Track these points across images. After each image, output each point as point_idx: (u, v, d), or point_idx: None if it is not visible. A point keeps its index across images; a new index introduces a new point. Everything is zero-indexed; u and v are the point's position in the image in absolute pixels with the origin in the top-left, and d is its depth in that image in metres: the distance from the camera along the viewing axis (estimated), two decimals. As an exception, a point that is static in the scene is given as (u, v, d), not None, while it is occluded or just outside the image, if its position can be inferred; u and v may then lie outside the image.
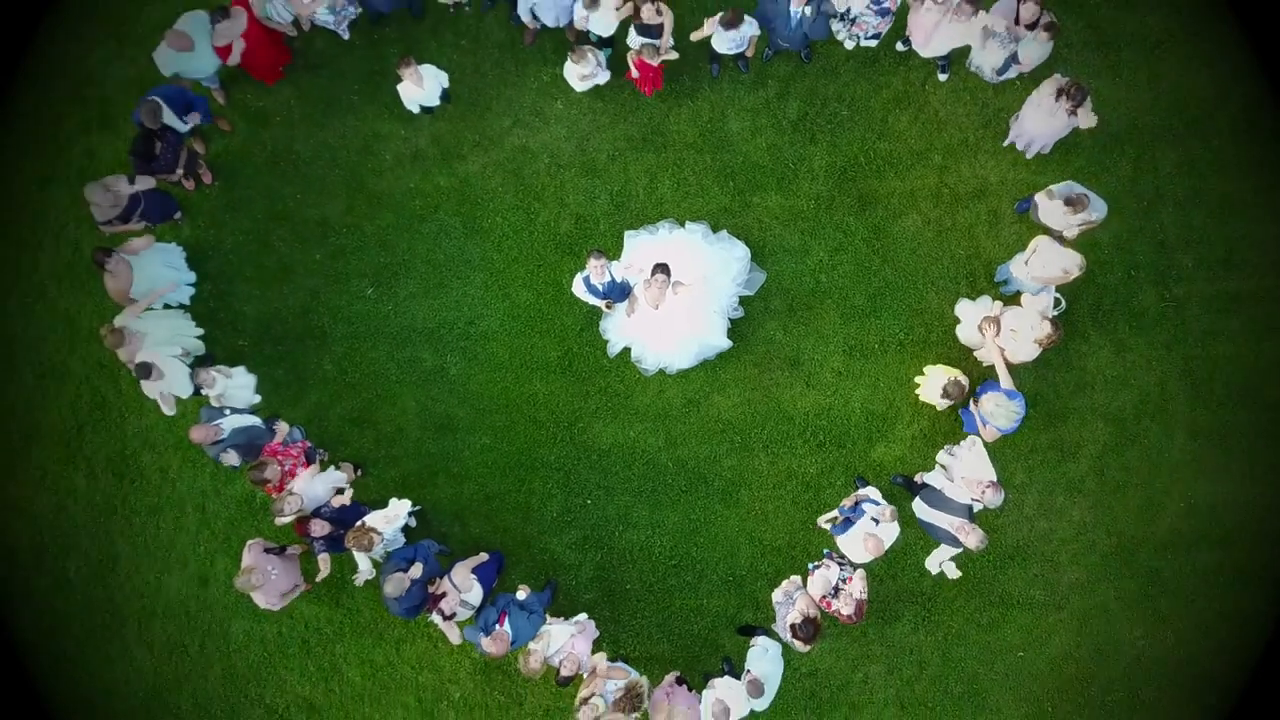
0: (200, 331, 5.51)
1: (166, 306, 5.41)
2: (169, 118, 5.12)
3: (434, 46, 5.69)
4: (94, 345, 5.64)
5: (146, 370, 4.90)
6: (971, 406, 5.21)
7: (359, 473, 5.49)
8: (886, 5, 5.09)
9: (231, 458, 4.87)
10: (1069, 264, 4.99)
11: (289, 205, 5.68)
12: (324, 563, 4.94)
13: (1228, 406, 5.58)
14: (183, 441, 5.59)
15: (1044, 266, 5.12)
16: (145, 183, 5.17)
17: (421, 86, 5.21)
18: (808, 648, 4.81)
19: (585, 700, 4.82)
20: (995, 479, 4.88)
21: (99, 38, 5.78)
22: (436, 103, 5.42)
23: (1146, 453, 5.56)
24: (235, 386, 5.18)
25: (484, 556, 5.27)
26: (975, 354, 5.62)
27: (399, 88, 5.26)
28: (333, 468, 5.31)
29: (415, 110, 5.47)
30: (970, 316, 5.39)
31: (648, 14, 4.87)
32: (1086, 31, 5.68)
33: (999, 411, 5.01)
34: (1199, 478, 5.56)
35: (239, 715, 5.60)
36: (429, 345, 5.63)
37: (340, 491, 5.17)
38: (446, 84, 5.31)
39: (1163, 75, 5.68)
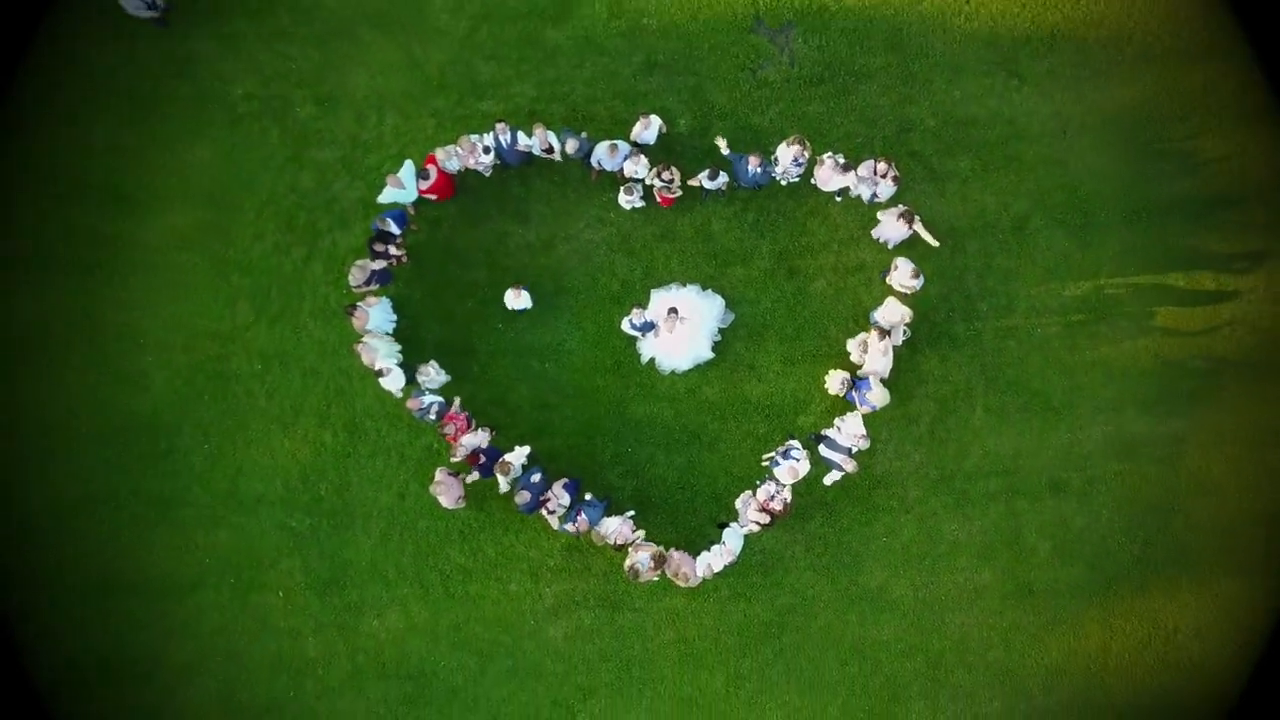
0: (400, 347, 9.31)
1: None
2: (392, 229, 9.01)
3: (536, 181, 9.52)
4: (337, 357, 9.45)
5: (383, 372, 8.79)
6: (853, 393, 9.03)
7: (494, 432, 9.26)
8: (801, 163, 8.90)
9: (431, 416, 8.73)
10: (904, 312, 8.85)
11: (452, 274, 9.51)
12: (474, 476, 8.78)
13: (1008, 393, 9.37)
14: (389, 413, 9.39)
15: (891, 313, 8.95)
16: (379, 264, 9.03)
17: (520, 299, 9.09)
18: (761, 529, 8.63)
19: (634, 571, 8.56)
20: (865, 433, 8.71)
21: (337, 170, 9.64)
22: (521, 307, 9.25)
23: (959, 420, 9.34)
24: (432, 377, 9.04)
25: (566, 480, 9.09)
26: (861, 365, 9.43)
27: (507, 296, 9.06)
28: (481, 428, 9.13)
29: (511, 307, 9.24)
30: (854, 342, 9.22)
31: (665, 175, 8.75)
32: (923, 171, 9.45)
33: (883, 396, 8.78)
34: (990, 435, 9.34)
35: (423, 578, 9.36)
36: (535, 357, 9.46)
37: (484, 442, 9.03)
38: (530, 304, 9.16)
39: (970, 197, 9.47)
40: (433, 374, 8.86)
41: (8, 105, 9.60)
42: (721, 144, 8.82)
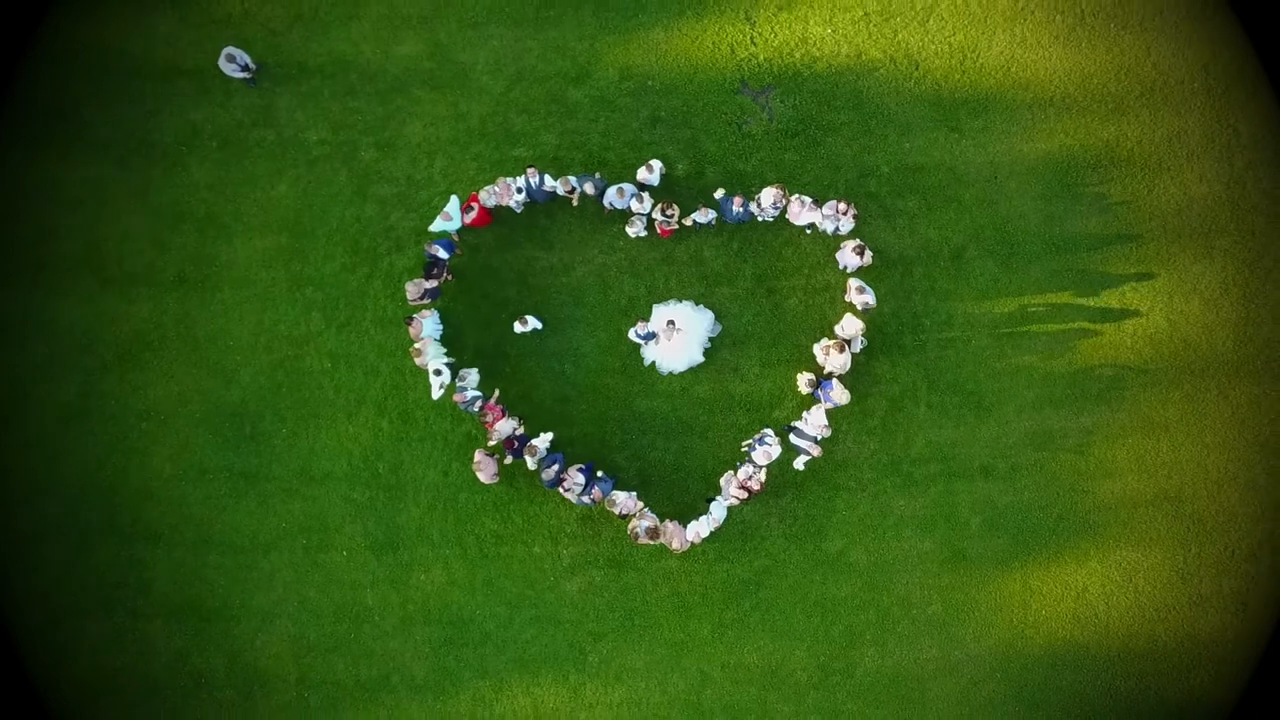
0: (446, 350, 11.21)
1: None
2: (441, 253, 11.00)
3: (559, 214, 11.49)
4: (394, 358, 11.41)
5: (434, 372, 10.77)
6: (818, 391, 10.99)
7: (523, 420, 11.21)
8: (779, 206, 10.86)
9: (475, 407, 10.72)
10: (860, 325, 10.83)
11: (489, 291, 11.48)
12: (508, 458, 10.75)
13: (946, 393, 11.28)
14: (436, 405, 11.34)
15: (850, 326, 10.91)
16: (432, 283, 11.01)
17: (525, 325, 11.01)
18: (741, 503, 10.60)
19: (635, 535, 10.52)
20: (828, 424, 10.68)
21: (394, 204, 11.64)
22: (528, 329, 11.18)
23: (906, 416, 11.27)
24: (470, 377, 11.02)
25: (582, 465, 11.05)
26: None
27: (515, 325, 11.01)
28: (512, 418, 11.08)
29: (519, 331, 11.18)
30: (819, 348, 11.18)
31: (666, 211, 10.74)
32: (878, 209, 11.34)
33: (844, 394, 10.75)
34: (931, 427, 11.25)
35: (463, 541, 11.30)
36: (556, 359, 11.41)
37: (515, 429, 11.02)
38: (539, 325, 11.10)
39: (916, 230, 11.42)
40: (469, 374, 10.86)
41: (119, 153, 11.63)
42: (719, 193, 10.85)
